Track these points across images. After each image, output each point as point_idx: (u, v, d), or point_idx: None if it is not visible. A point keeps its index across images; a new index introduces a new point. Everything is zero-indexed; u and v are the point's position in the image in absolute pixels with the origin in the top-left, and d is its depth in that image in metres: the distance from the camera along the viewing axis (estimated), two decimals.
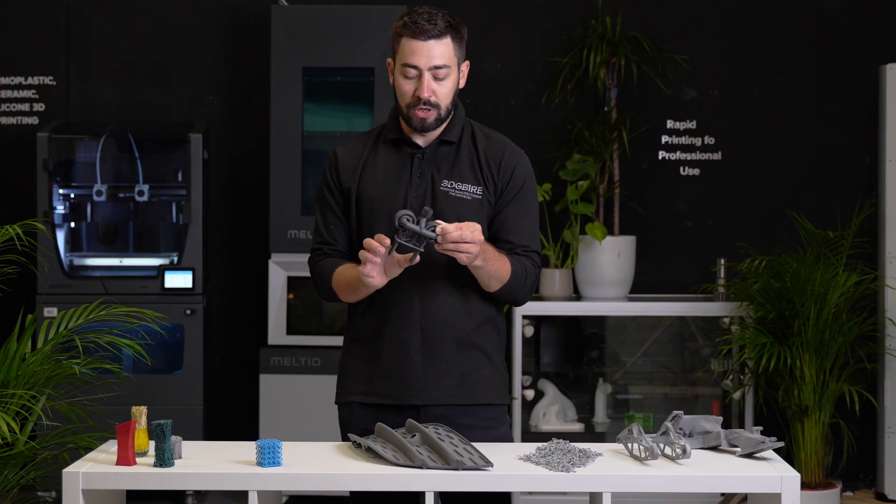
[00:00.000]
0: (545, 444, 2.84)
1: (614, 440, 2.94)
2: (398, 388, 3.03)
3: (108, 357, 3.84)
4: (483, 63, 5.61)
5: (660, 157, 5.81)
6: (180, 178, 5.48)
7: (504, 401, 3.12)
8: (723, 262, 5.55)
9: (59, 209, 5.41)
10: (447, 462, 2.68)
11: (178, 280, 5.32)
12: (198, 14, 5.84)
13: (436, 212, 2.95)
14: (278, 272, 5.31)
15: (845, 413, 5.40)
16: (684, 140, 5.80)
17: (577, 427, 5.47)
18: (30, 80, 5.85)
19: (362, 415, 3.05)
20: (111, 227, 5.60)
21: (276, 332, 5.30)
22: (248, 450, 2.85)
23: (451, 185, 3.03)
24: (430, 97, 2.98)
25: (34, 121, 5.82)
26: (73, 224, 5.52)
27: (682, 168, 5.81)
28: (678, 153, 5.80)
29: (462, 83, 3.07)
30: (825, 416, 5.22)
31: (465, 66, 3.07)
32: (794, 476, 2.66)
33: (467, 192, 3.03)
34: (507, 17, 5.69)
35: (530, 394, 5.44)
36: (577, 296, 5.56)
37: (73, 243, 5.52)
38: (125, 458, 2.73)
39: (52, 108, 5.83)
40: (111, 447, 2.90)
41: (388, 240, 2.86)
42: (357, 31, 5.28)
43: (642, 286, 5.67)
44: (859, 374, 5.43)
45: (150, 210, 5.58)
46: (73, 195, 5.50)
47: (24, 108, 5.84)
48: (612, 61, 5.53)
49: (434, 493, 2.67)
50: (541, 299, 5.40)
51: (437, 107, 3.00)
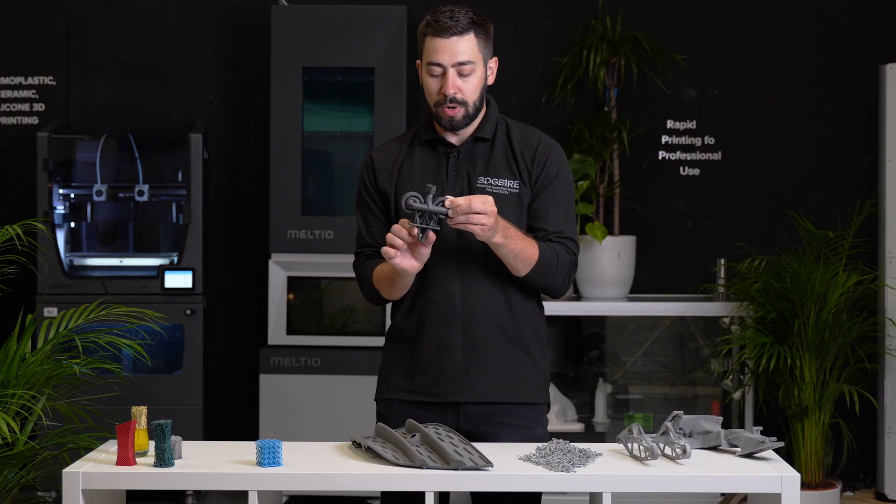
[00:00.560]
0: (545, 444, 2.84)
1: (614, 440, 2.94)
2: (439, 386, 3.02)
3: (108, 357, 3.84)
4: None
5: (660, 157, 5.81)
6: (180, 178, 5.48)
7: (544, 400, 3.10)
8: (723, 262, 5.55)
9: (59, 209, 5.41)
10: (447, 462, 2.68)
11: (178, 280, 5.32)
12: (198, 14, 5.84)
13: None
14: (278, 272, 5.31)
15: (845, 413, 5.40)
16: (684, 140, 5.80)
17: (577, 427, 5.47)
18: (30, 80, 5.85)
19: (402, 412, 3.03)
20: (111, 227, 5.60)
21: (276, 332, 5.30)
22: (248, 450, 2.85)
23: (488, 181, 3.03)
24: (455, 94, 2.98)
25: (34, 121, 5.82)
26: (73, 224, 5.52)
27: (682, 168, 5.81)
28: (678, 153, 5.80)
29: (491, 80, 3.07)
30: (825, 416, 5.22)
31: (493, 63, 3.07)
32: (794, 476, 2.66)
33: (504, 186, 3.03)
34: (507, 17, 5.69)
35: None
36: (577, 296, 5.56)
37: (73, 243, 5.52)
38: (125, 458, 2.73)
39: (52, 108, 5.83)
40: (111, 447, 2.90)
41: (411, 226, 2.84)
42: (357, 31, 5.28)
43: (642, 286, 5.67)
44: (859, 374, 5.43)
45: (150, 210, 5.58)
46: (73, 195, 5.50)
47: (24, 108, 5.84)
48: (612, 61, 5.53)
49: (434, 492, 2.67)
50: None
51: (464, 104, 3.00)
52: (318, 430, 5.11)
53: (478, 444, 2.86)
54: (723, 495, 5.14)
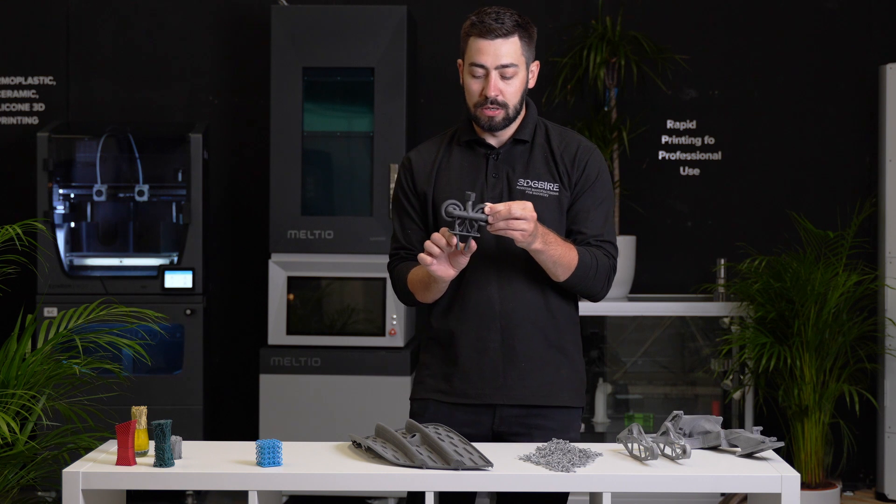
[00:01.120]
0: (545, 444, 2.84)
1: (614, 440, 2.94)
2: (476, 388, 3.02)
3: (108, 357, 3.84)
4: None
5: (660, 157, 5.81)
6: (180, 178, 5.49)
7: (580, 403, 3.10)
8: (723, 262, 5.55)
9: (59, 209, 5.41)
10: (447, 462, 2.68)
11: (178, 280, 5.32)
12: (198, 14, 5.84)
13: None
14: (278, 272, 5.31)
15: (845, 413, 5.40)
16: (684, 140, 5.80)
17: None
18: (30, 80, 5.85)
19: (437, 412, 3.04)
20: (111, 227, 5.60)
21: (276, 332, 5.30)
22: (248, 450, 2.85)
23: (528, 183, 3.03)
24: (497, 96, 2.99)
25: (34, 121, 5.82)
26: (73, 224, 5.52)
27: (682, 168, 5.81)
28: (678, 153, 5.81)
29: (532, 83, 3.08)
30: (825, 416, 5.22)
31: (534, 66, 3.08)
32: (794, 476, 2.66)
33: (544, 189, 3.03)
34: None
35: None
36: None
37: (73, 243, 5.52)
38: (125, 458, 2.73)
39: (52, 108, 5.84)
40: (111, 447, 2.90)
41: (451, 235, 2.83)
42: (357, 31, 5.28)
43: (642, 286, 5.67)
44: (859, 374, 5.43)
45: (150, 210, 5.59)
46: (73, 195, 5.50)
47: (24, 108, 5.84)
48: (612, 61, 5.53)
49: (434, 493, 2.67)
50: None
51: (504, 106, 3.01)
52: (318, 430, 5.11)
53: (478, 445, 2.86)
54: (723, 495, 5.14)
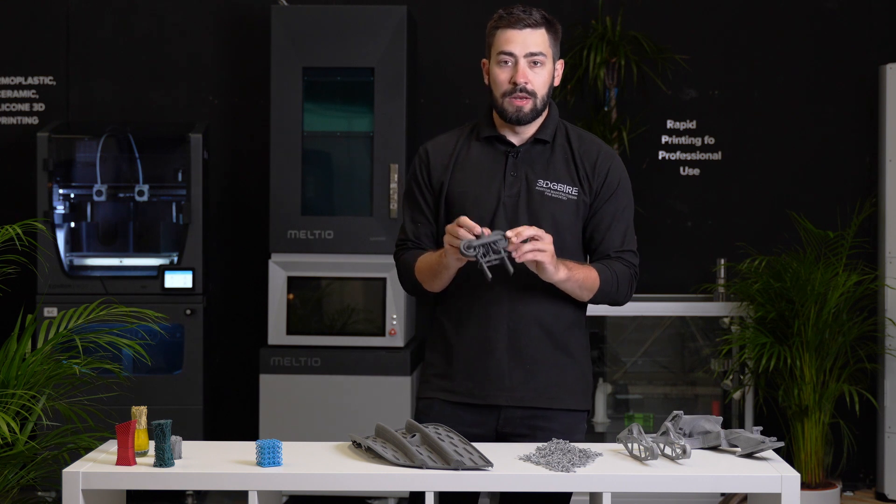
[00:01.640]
0: (545, 444, 2.84)
1: (614, 440, 2.94)
2: (482, 388, 3.01)
3: (108, 357, 3.84)
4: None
5: (660, 157, 5.81)
6: (180, 178, 5.49)
7: (585, 406, 3.09)
8: (723, 262, 5.55)
9: (59, 209, 5.41)
10: (447, 462, 2.67)
11: (178, 280, 5.32)
12: (198, 14, 5.84)
13: (531, 212, 2.96)
14: (278, 272, 5.31)
15: (845, 413, 5.40)
16: (684, 140, 5.80)
17: None
18: (30, 80, 5.85)
19: (442, 412, 3.04)
20: (111, 227, 5.60)
21: (276, 332, 5.30)
22: (248, 450, 2.85)
23: (547, 184, 3.02)
24: (525, 84, 2.97)
25: (34, 121, 5.82)
26: (73, 224, 5.52)
27: (682, 168, 5.81)
28: (678, 153, 5.81)
29: (557, 81, 3.06)
30: (825, 416, 5.22)
31: (559, 65, 3.06)
32: (794, 476, 2.66)
33: (563, 192, 3.02)
34: None
35: None
36: None
37: (73, 243, 5.52)
38: (125, 458, 2.73)
39: (52, 108, 5.83)
40: (111, 447, 2.90)
41: (478, 228, 2.81)
42: (357, 31, 5.28)
43: (642, 286, 5.66)
44: (859, 374, 5.43)
45: (150, 210, 5.59)
46: (73, 195, 5.50)
47: (24, 108, 5.84)
48: (612, 61, 5.53)
49: (434, 492, 2.67)
50: None
51: (533, 95, 2.99)
52: (318, 430, 5.11)
53: (478, 445, 2.86)
54: (723, 495, 5.14)
